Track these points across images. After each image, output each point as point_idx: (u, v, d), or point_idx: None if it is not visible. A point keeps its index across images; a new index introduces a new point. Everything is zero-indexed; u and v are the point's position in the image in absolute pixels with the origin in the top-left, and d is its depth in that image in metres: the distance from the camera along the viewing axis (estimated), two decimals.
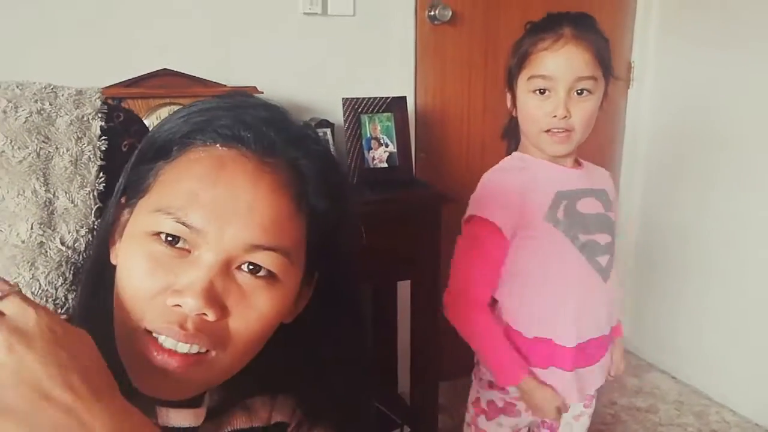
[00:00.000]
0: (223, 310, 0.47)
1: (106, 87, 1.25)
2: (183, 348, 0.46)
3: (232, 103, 0.53)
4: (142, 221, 0.49)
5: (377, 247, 1.54)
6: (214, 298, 0.46)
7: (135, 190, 0.52)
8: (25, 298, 0.39)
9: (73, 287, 0.74)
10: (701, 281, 2.17)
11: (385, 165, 1.65)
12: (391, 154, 1.66)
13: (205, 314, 0.46)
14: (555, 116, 1.00)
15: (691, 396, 2.16)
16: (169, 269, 0.47)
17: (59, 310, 0.75)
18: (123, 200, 0.55)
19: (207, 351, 0.48)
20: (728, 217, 2.05)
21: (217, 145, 0.49)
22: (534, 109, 1.02)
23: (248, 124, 0.50)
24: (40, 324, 0.38)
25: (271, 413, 0.62)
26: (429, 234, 1.56)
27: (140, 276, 0.47)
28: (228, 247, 0.47)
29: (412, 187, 1.66)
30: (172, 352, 0.47)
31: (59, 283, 0.74)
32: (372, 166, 1.65)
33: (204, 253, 0.47)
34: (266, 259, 0.48)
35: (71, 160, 0.76)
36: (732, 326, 2.07)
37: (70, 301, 0.75)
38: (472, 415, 1.17)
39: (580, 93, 1.00)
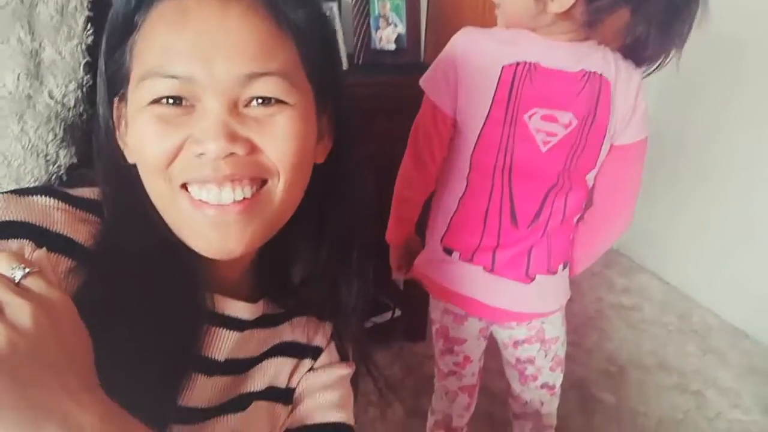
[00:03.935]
0: (249, 144, 0.47)
1: None
2: (227, 195, 0.46)
3: None
4: (136, 98, 0.47)
5: (380, 130, 1.51)
6: (233, 135, 0.45)
7: (119, 81, 0.50)
8: (48, 278, 0.39)
9: (63, 143, 0.73)
10: (696, 188, 2.17)
11: (393, 46, 1.58)
12: (399, 35, 1.58)
13: (232, 153, 0.46)
14: None
15: (677, 297, 2.23)
16: (179, 126, 0.46)
17: (51, 167, 0.74)
18: (116, 101, 0.52)
19: (263, 185, 0.49)
20: (738, 132, 2.00)
21: None
22: None
23: None
24: (64, 305, 0.39)
25: (310, 334, 0.67)
26: None
27: (154, 140, 0.46)
28: (224, 86, 0.45)
29: (419, 72, 1.59)
30: (220, 206, 0.47)
31: (49, 139, 0.72)
32: (379, 48, 1.58)
33: (206, 101, 0.46)
34: (267, 86, 0.47)
35: (57, 9, 0.72)
36: (723, 235, 2.09)
37: (61, 157, 0.74)
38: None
39: None
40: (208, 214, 0.47)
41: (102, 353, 0.41)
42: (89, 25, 0.73)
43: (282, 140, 0.48)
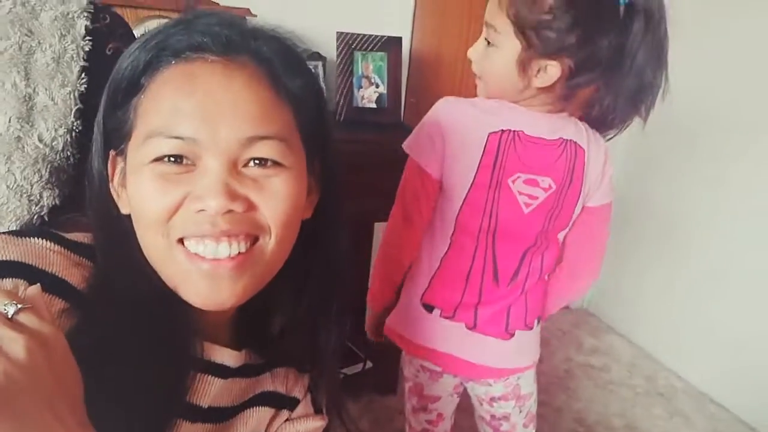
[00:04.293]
0: (247, 202, 0.49)
1: None
2: (223, 250, 0.49)
3: (180, 19, 0.54)
4: (139, 155, 0.50)
5: (358, 187, 1.54)
6: (233, 193, 0.48)
7: (120, 137, 0.53)
8: (41, 314, 0.40)
9: (48, 185, 0.75)
10: (667, 253, 2.23)
11: (374, 105, 1.64)
12: (380, 95, 1.65)
13: (231, 210, 0.48)
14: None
15: (644, 360, 2.26)
16: (179, 183, 0.48)
17: (33, 207, 0.75)
18: (112, 153, 0.55)
19: (256, 241, 0.51)
20: (700, 196, 2.10)
21: (182, 60, 0.50)
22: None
23: (202, 31, 0.51)
24: (57, 340, 0.39)
25: (290, 385, 0.68)
26: None
27: (155, 197, 0.48)
28: (225, 147, 0.48)
29: (398, 131, 1.65)
30: (216, 260, 0.49)
31: (35, 180, 0.74)
32: (360, 105, 1.64)
33: (207, 161, 0.48)
34: (265, 149, 0.50)
35: (53, 57, 0.75)
36: (690, 299, 2.15)
37: (44, 198, 0.75)
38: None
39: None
40: (203, 267, 0.49)
41: (90, 397, 0.41)
42: (83, 74, 0.76)
43: (277, 200, 0.50)
